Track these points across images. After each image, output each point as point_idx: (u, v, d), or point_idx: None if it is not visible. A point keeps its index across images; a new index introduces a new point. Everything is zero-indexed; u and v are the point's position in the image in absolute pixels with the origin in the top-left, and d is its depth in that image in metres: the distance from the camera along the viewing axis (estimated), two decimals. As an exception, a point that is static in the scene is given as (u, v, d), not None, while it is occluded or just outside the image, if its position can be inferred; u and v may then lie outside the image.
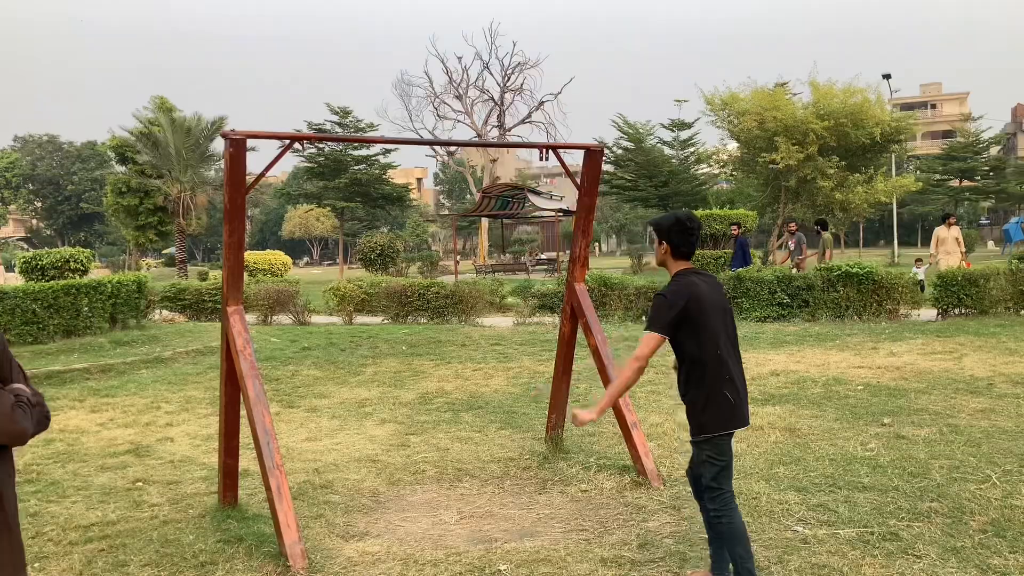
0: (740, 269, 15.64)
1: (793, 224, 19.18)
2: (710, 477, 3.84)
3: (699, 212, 30.19)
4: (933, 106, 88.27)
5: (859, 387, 8.53)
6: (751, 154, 36.42)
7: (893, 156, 41.48)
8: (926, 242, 62.54)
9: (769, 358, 10.55)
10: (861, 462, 5.88)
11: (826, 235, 17.38)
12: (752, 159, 36.47)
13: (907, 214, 63.53)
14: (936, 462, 5.80)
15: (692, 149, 50.52)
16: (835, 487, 5.36)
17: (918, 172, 60.67)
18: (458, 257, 42.22)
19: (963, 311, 13.87)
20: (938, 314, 14.16)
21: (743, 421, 3.81)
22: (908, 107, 63.90)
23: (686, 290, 3.68)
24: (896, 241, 43.45)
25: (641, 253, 41.89)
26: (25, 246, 78.65)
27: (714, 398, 3.69)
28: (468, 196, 72.10)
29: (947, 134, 74.13)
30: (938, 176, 61.42)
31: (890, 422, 7.00)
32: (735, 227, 19.22)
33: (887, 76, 42.18)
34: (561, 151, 6.06)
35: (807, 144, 32.73)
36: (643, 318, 14.97)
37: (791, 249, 17.65)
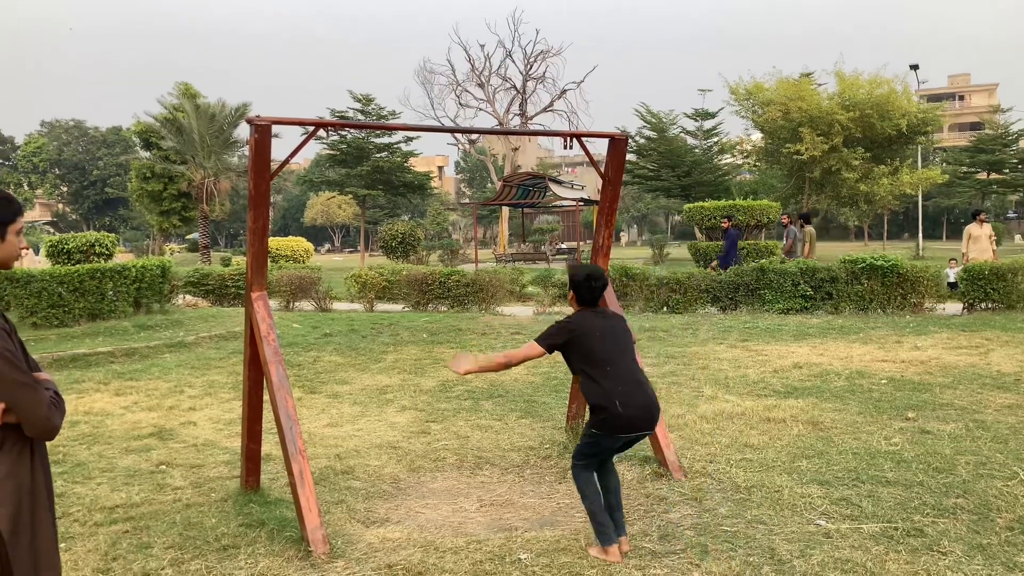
0: (763, 260, 15.52)
1: (785, 216, 19.15)
2: (578, 454, 4.37)
3: (722, 202, 30.01)
4: (961, 97, 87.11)
5: (883, 381, 8.44)
6: (775, 144, 36.15)
7: (919, 148, 40.94)
8: (951, 235, 61.95)
9: (792, 350, 10.47)
10: (885, 456, 5.83)
11: (808, 229, 17.20)
12: (776, 150, 36.19)
13: (932, 207, 62.80)
14: (962, 458, 5.73)
15: (715, 139, 50.20)
16: (858, 481, 5.31)
17: (944, 164, 59.95)
18: (491, 246, 42.18)
19: (990, 305, 13.71)
20: (964, 308, 14.01)
21: (635, 429, 4.23)
22: (935, 98, 62.98)
23: (579, 321, 4.35)
24: (921, 234, 42.96)
25: (663, 244, 41.65)
26: (51, 230, 79.56)
27: (604, 408, 4.17)
28: (489, 185, 72.06)
29: (975, 126, 73.13)
30: (965, 168, 60.60)
31: (914, 417, 6.93)
32: (726, 220, 19.15)
33: (914, 67, 41.65)
34: (585, 140, 6.02)
35: (832, 135, 32.43)
36: (664, 308, 14.92)
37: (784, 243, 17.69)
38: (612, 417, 4.14)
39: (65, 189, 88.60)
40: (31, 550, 2.46)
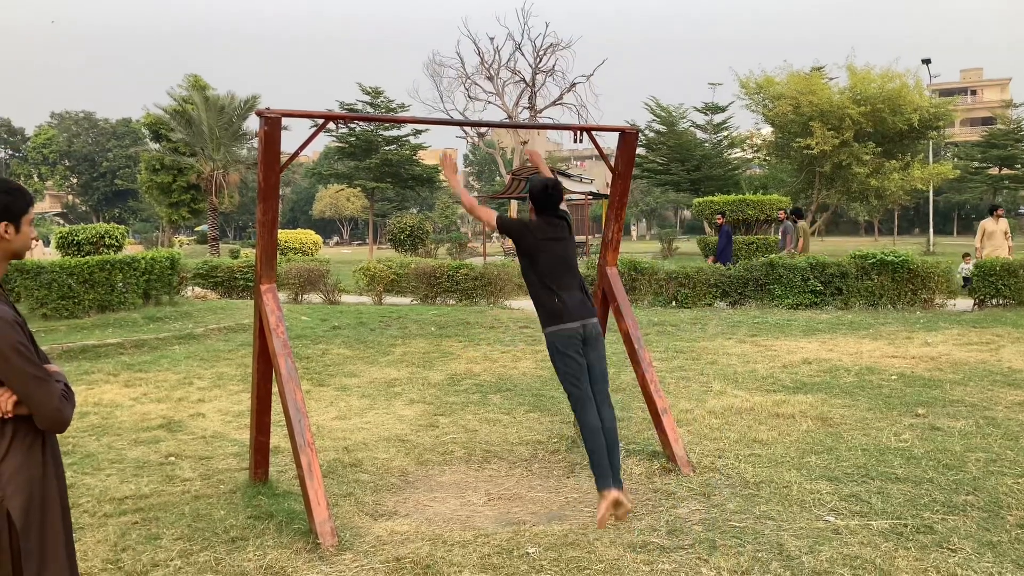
0: (772, 255, 15.46)
1: (782, 212, 19.10)
2: (561, 378, 4.71)
3: (732, 197, 29.90)
4: (973, 92, 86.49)
5: (893, 377, 8.41)
6: (785, 139, 36.00)
7: (930, 143, 40.70)
8: (962, 231, 61.61)
9: (801, 346, 10.44)
10: (895, 453, 5.80)
11: (802, 224, 17.14)
12: (786, 144, 36.06)
13: (943, 202, 62.46)
14: (972, 455, 5.70)
15: (725, 133, 50.04)
16: (868, 478, 5.29)
17: (956, 159, 59.60)
18: (500, 240, 42.14)
19: (1001, 302, 13.63)
20: (975, 304, 13.93)
21: (570, 319, 4.66)
22: (947, 93, 62.46)
23: (533, 227, 4.83)
24: (931, 229, 42.72)
25: (672, 238, 41.54)
26: (61, 221, 79.86)
27: (542, 302, 4.73)
28: (498, 178, 71.95)
29: (987, 121, 72.63)
30: (976, 164, 60.21)
31: (924, 413, 6.90)
32: (720, 216, 19.16)
33: (926, 61, 41.34)
34: (595, 133, 6.00)
35: (843, 129, 32.28)
36: (673, 303, 14.89)
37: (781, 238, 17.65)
38: (554, 308, 4.65)
39: (75, 180, 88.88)
40: (40, 542, 2.47)
